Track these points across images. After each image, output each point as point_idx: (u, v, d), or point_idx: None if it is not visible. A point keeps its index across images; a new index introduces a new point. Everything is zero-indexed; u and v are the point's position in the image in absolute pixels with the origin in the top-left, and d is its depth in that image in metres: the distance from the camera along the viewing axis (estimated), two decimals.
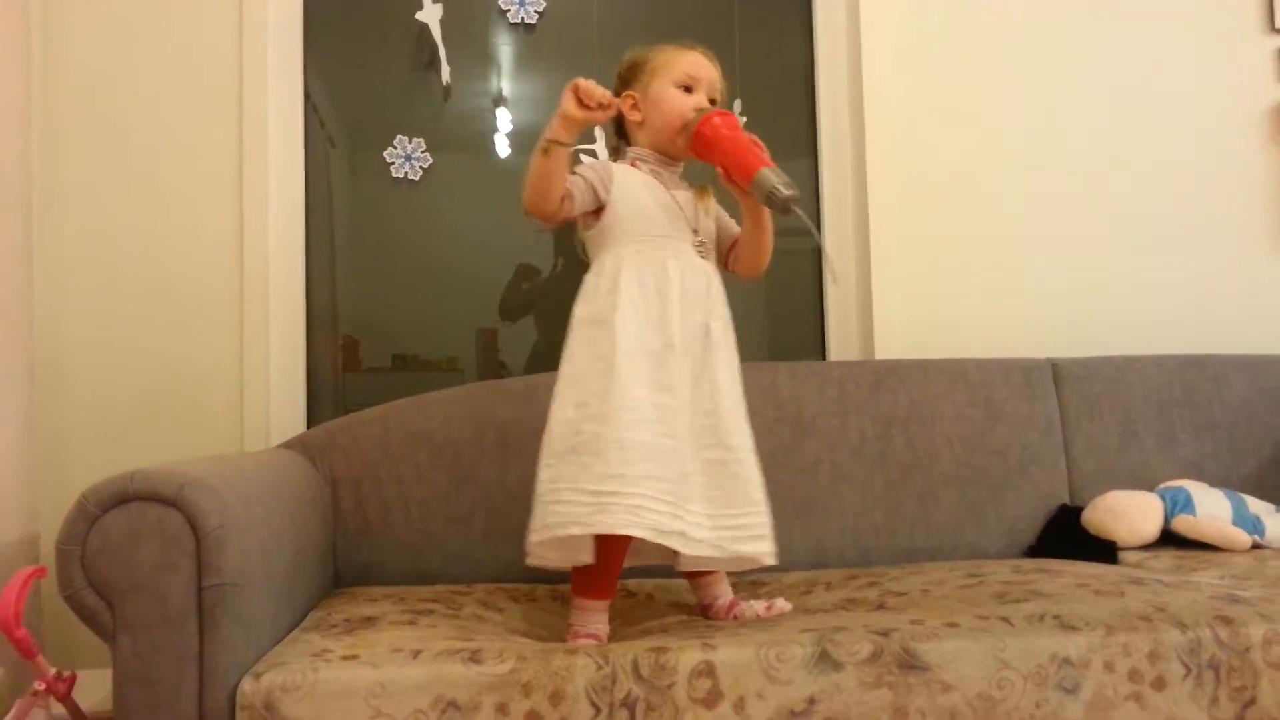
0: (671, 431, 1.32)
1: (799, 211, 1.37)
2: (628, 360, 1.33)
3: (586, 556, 1.32)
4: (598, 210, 1.43)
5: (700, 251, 1.45)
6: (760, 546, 1.36)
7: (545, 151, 1.35)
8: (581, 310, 1.40)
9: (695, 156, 1.44)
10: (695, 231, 1.45)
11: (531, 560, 1.36)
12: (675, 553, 1.42)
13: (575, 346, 1.38)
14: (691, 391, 1.37)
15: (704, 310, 1.40)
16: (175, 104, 2.05)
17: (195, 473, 1.20)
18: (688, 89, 1.45)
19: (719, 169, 1.41)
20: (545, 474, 1.34)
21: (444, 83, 2.20)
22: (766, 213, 1.44)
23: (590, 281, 1.42)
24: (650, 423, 1.31)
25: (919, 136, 2.24)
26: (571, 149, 1.36)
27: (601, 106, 1.33)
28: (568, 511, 1.28)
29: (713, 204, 1.51)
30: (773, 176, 1.34)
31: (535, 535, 1.32)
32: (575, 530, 1.29)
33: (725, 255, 1.52)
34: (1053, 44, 2.29)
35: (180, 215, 2.04)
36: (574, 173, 1.41)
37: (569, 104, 1.32)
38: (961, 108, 2.26)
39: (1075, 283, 2.26)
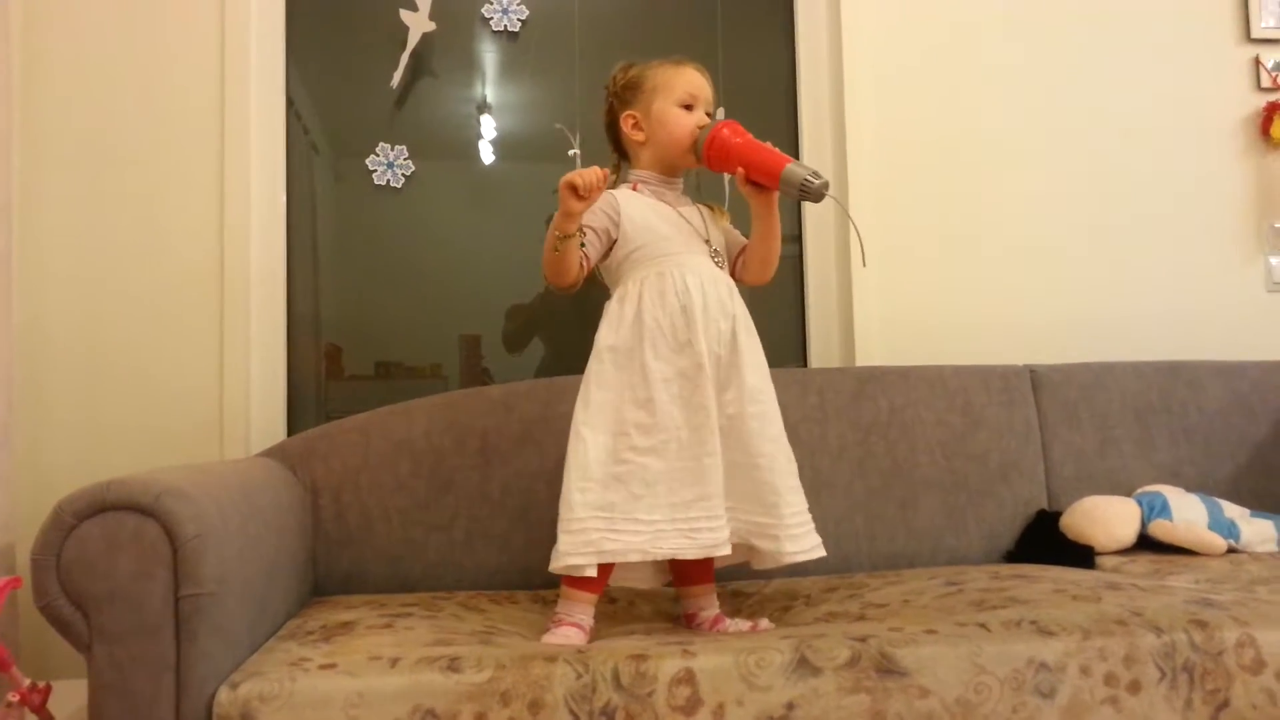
0: (711, 449, 1.37)
1: (833, 197, 1.43)
2: (663, 388, 1.38)
3: (591, 571, 1.34)
4: (611, 244, 1.47)
5: (716, 261, 1.49)
6: (772, 546, 1.39)
7: (556, 249, 1.39)
8: (607, 337, 1.42)
9: (710, 168, 1.48)
10: (708, 242, 1.49)
11: (551, 567, 1.37)
12: (678, 567, 1.50)
13: (605, 373, 1.41)
14: (719, 396, 1.41)
15: (728, 316, 1.44)
16: (157, 111, 2.05)
17: (172, 481, 1.20)
18: (688, 107, 1.49)
19: (737, 174, 1.44)
20: (583, 497, 1.35)
21: (392, 84, 2.19)
22: (777, 217, 1.49)
23: (614, 309, 1.45)
24: (693, 445, 1.38)
25: (899, 144, 2.25)
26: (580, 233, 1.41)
27: (597, 189, 1.36)
28: (626, 540, 1.34)
29: (724, 219, 1.56)
30: (799, 169, 1.39)
31: (579, 559, 1.33)
32: (635, 558, 1.35)
33: (733, 264, 1.55)
34: (1031, 52, 2.32)
35: (161, 223, 2.03)
36: (583, 229, 1.44)
37: (571, 202, 1.35)
38: (942, 116, 2.28)
39: (1054, 290, 2.28)
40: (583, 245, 1.43)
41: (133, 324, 2.01)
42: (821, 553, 1.43)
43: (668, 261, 1.44)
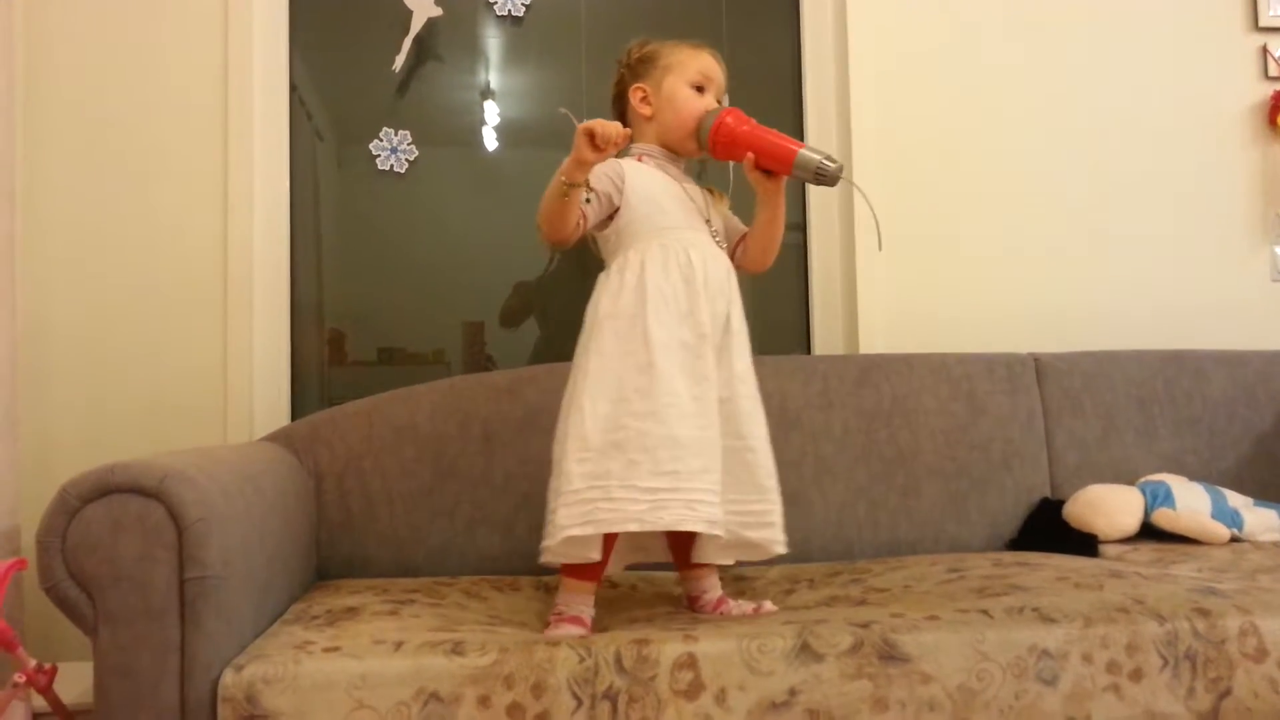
0: (711, 422, 1.35)
1: (850, 181, 1.40)
2: (664, 354, 1.34)
3: (596, 554, 1.32)
4: (612, 212, 1.44)
5: (717, 241, 1.48)
6: (767, 534, 1.38)
7: (564, 195, 1.34)
8: (607, 305, 1.39)
9: (714, 156, 1.47)
10: (709, 222, 1.48)
11: (549, 559, 1.34)
12: (664, 550, 1.48)
13: (604, 341, 1.37)
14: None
15: (725, 298, 1.42)
16: (160, 96, 2.04)
17: (177, 465, 1.20)
18: (700, 89, 1.47)
19: (746, 160, 1.42)
20: (581, 468, 1.31)
21: (394, 68, 2.18)
22: (783, 204, 1.47)
23: (613, 279, 1.41)
24: (693, 415, 1.33)
25: (903, 134, 2.24)
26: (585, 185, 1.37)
27: (615, 144, 1.31)
28: (623, 509, 1.28)
29: (725, 203, 1.54)
30: (814, 153, 1.39)
31: (577, 530, 1.28)
32: (634, 527, 1.29)
33: (732, 251, 1.54)
34: (1037, 42, 2.30)
35: (165, 208, 2.03)
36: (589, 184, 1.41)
37: (585, 149, 1.30)
38: (946, 106, 2.27)
39: (1057, 278, 2.27)
40: (587, 200, 1.39)
41: (137, 309, 2.01)
42: (783, 549, 1.41)
43: (670, 234, 1.42)
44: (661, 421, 1.31)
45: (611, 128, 1.29)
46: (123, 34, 2.04)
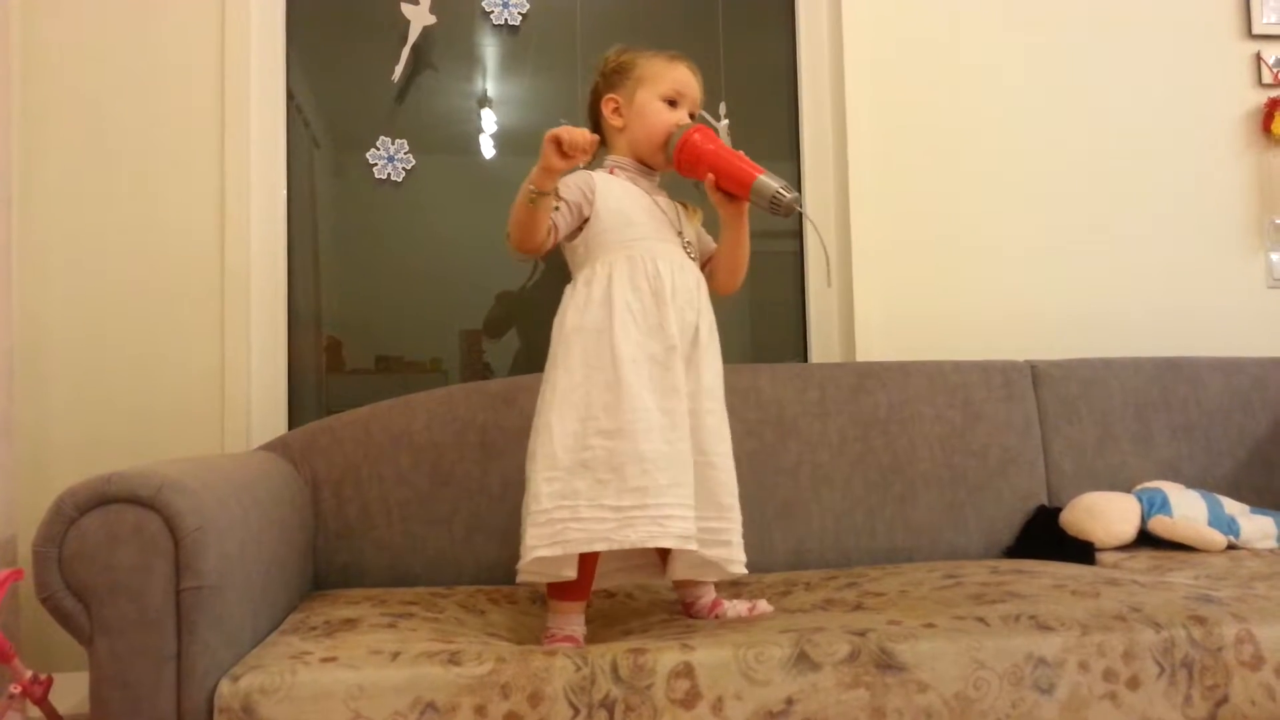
0: (682, 435, 1.32)
1: (803, 211, 1.39)
2: (632, 369, 1.32)
3: (571, 572, 1.31)
4: (582, 223, 1.43)
5: (688, 252, 1.45)
6: (723, 553, 1.35)
7: (532, 202, 1.33)
8: (573, 320, 1.38)
9: (679, 172, 1.45)
10: (680, 233, 1.46)
11: (524, 578, 1.33)
12: (659, 568, 1.47)
13: (571, 357, 1.35)
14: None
15: (694, 309, 1.41)
16: (157, 104, 2.05)
17: (173, 474, 1.20)
18: (672, 103, 1.45)
19: (707, 181, 1.41)
20: (550, 488, 1.30)
21: (393, 78, 2.19)
22: (746, 227, 1.46)
23: (580, 291, 1.40)
24: (663, 429, 1.31)
25: (900, 139, 2.25)
26: (554, 194, 1.36)
27: (584, 151, 1.31)
28: (591, 529, 1.27)
29: (698, 218, 1.52)
30: (771, 182, 1.37)
31: (545, 550, 1.28)
32: (601, 547, 1.28)
33: (701, 270, 1.51)
34: (1032, 48, 2.32)
35: (162, 215, 2.03)
36: (558, 194, 1.41)
37: (553, 157, 1.29)
38: (942, 111, 2.28)
39: (1054, 286, 2.28)
40: (556, 208, 1.38)
41: (134, 317, 2.01)
42: (743, 570, 1.38)
43: (638, 246, 1.40)
44: (628, 438, 1.30)
45: (579, 134, 1.28)
46: (120, 41, 2.04)
